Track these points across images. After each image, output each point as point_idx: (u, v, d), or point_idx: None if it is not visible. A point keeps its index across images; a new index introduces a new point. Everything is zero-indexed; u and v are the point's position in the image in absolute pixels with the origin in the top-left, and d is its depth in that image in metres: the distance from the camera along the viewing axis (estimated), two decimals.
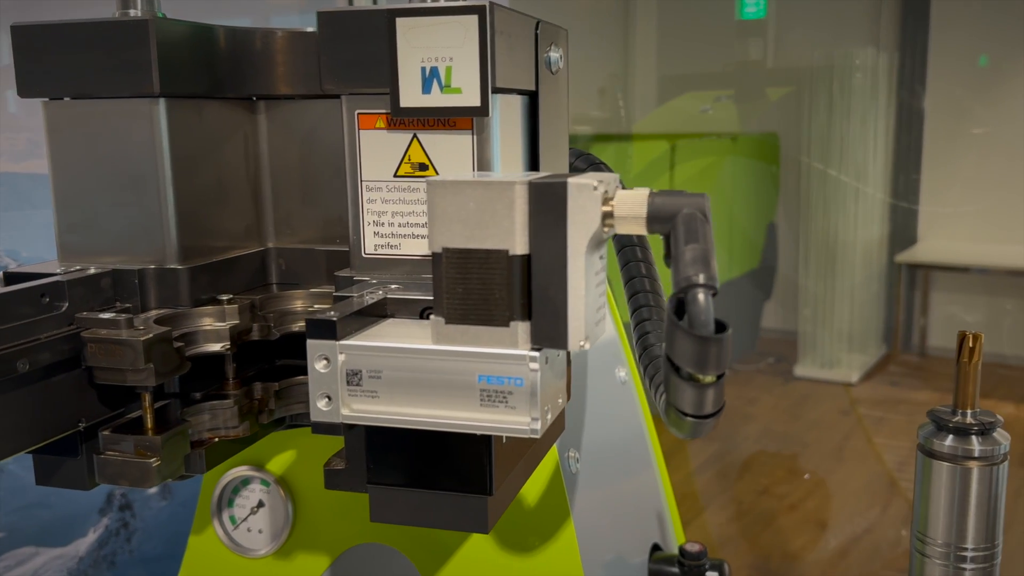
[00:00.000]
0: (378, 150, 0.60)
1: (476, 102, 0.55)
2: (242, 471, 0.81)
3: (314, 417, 0.49)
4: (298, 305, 0.72)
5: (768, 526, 2.50)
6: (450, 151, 0.58)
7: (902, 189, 4.07)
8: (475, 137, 0.58)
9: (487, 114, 0.55)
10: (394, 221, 0.61)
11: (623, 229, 0.44)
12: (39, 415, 0.57)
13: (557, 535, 0.75)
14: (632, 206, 0.44)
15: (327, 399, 0.48)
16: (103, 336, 0.58)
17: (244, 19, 2.09)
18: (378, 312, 0.53)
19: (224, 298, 0.68)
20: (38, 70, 0.64)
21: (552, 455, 0.75)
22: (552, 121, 0.64)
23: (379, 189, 0.60)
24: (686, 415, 0.44)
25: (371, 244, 0.61)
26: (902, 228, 4.15)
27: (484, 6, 0.54)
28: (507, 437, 0.50)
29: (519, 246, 0.44)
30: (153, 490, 2.19)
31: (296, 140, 0.74)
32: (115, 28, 0.62)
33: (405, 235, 0.60)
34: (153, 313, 0.64)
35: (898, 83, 3.96)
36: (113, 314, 0.60)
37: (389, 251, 0.61)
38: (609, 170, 0.73)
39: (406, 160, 0.59)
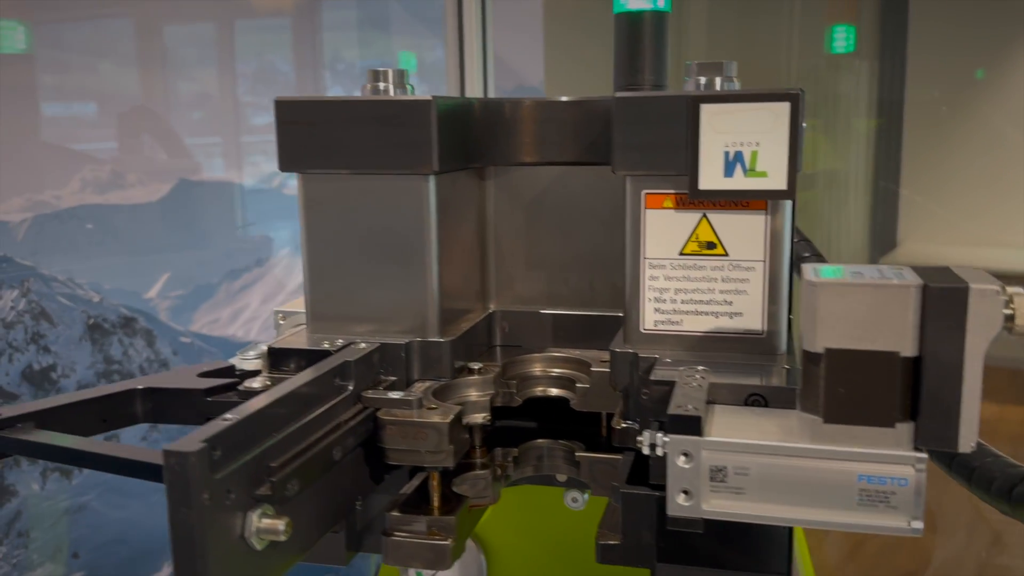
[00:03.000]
0: (664, 228, 0.60)
1: (783, 186, 0.55)
2: None
3: (671, 511, 0.49)
4: (537, 370, 0.72)
5: None
6: (741, 230, 0.59)
7: (882, 193, 4.07)
8: (769, 217, 0.58)
9: (793, 197, 0.56)
10: (676, 298, 0.61)
11: None
12: (335, 498, 0.57)
13: None
14: None
15: (686, 494, 0.48)
16: (402, 418, 0.58)
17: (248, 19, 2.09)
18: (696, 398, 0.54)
19: (475, 366, 0.68)
20: (302, 144, 0.64)
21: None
22: None
23: (662, 266, 0.61)
24: None
25: (651, 319, 0.62)
26: (881, 231, 4.14)
27: (797, 94, 0.55)
28: None
29: (910, 348, 0.44)
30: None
31: (522, 205, 0.74)
32: (395, 106, 0.62)
33: (687, 312, 0.61)
34: (421, 386, 0.64)
35: (879, 88, 3.96)
36: (401, 394, 0.60)
37: (670, 327, 0.61)
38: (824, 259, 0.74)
39: (693, 239, 0.60)
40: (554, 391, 0.71)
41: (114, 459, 0.49)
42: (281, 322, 0.80)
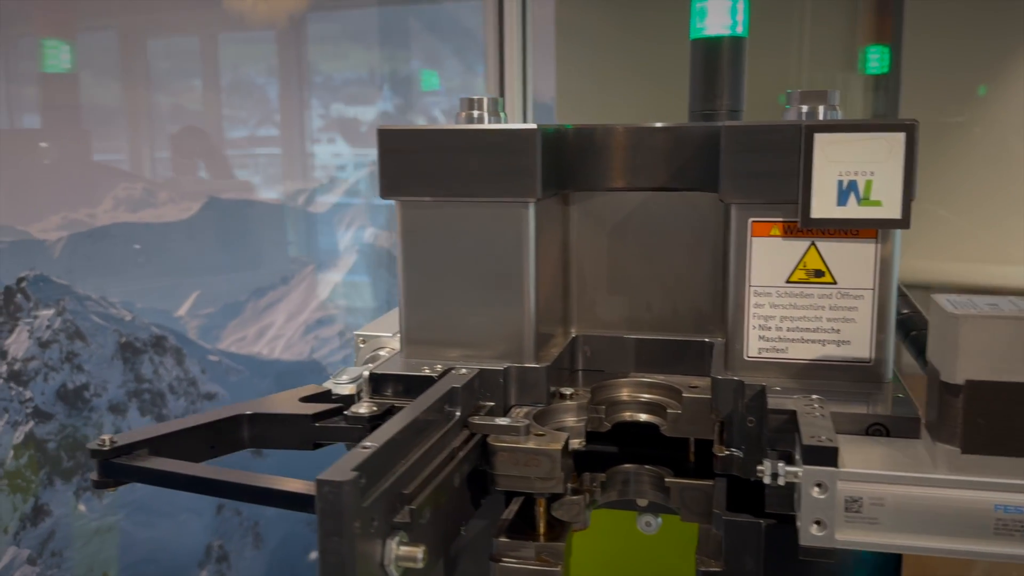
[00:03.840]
0: (770, 256, 0.61)
1: (897, 215, 0.56)
2: None
3: (804, 541, 0.49)
4: (625, 395, 0.72)
5: None
6: (850, 258, 0.59)
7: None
8: (879, 244, 0.59)
9: (908, 226, 0.56)
10: (782, 325, 0.61)
11: None
12: (449, 525, 0.57)
13: None
14: None
15: (818, 524, 0.48)
16: (514, 444, 0.58)
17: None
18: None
19: (567, 392, 0.69)
20: (403, 171, 0.65)
21: None
22: None
23: (768, 294, 0.61)
24: None
25: (755, 347, 0.62)
26: None
27: (913, 124, 0.55)
28: None
29: None
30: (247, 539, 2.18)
31: (606, 230, 0.74)
32: (500, 135, 0.62)
33: (793, 339, 0.61)
34: (520, 411, 0.65)
35: (873, 105, 3.97)
36: (508, 420, 0.60)
37: (774, 355, 0.62)
38: None
39: (801, 266, 0.60)
40: (643, 416, 0.71)
41: (251, 488, 0.49)
42: (361, 345, 0.81)
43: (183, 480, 0.52)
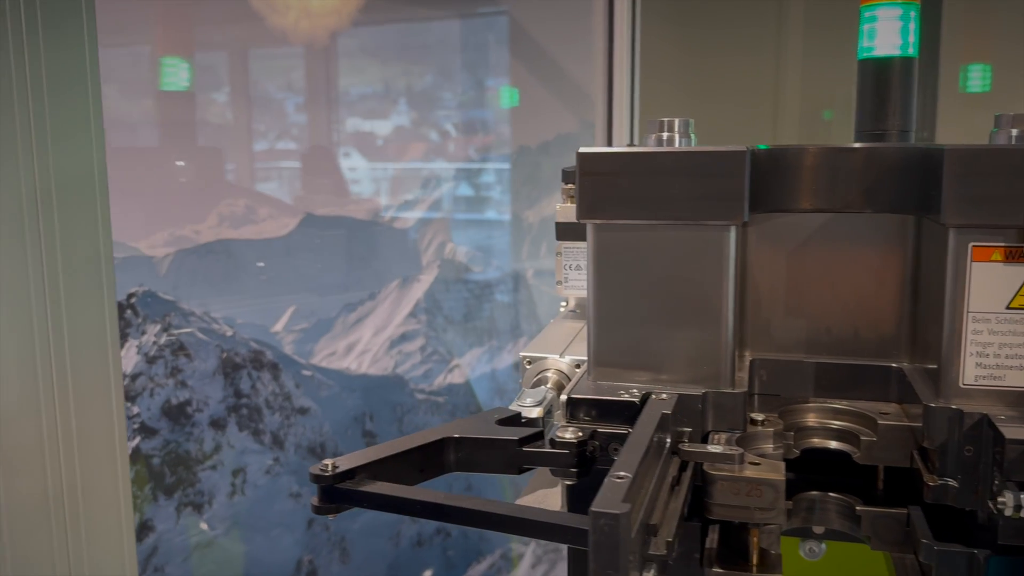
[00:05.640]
0: (991, 282, 0.59)
1: None
2: None
3: None
4: (812, 420, 0.71)
5: None
6: None
7: None
8: None
9: None
10: (1000, 352, 0.60)
11: None
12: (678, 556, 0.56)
13: None
14: None
15: None
16: (734, 473, 0.57)
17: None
18: None
19: (759, 418, 0.68)
20: (602, 194, 0.64)
21: None
22: None
23: (987, 320, 0.59)
24: None
25: (971, 375, 0.60)
26: None
27: None
28: None
29: None
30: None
31: (785, 251, 0.73)
32: (708, 157, 0.62)
33: (1012, 367, 0.60)
34: (720, 437, 0.64)
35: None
36: (722, 448, 0.59)
37: (991, 382, 0.60)
38: None
39: (1022, 293, 0.58)
40: (833, 444, 0.69)
41: (501, 517, 0.49)
42: (527, 366, 0.80)
43: (417, 506, 0.52)
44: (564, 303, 1.03)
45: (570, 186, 0.94)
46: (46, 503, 0.93)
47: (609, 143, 1.97)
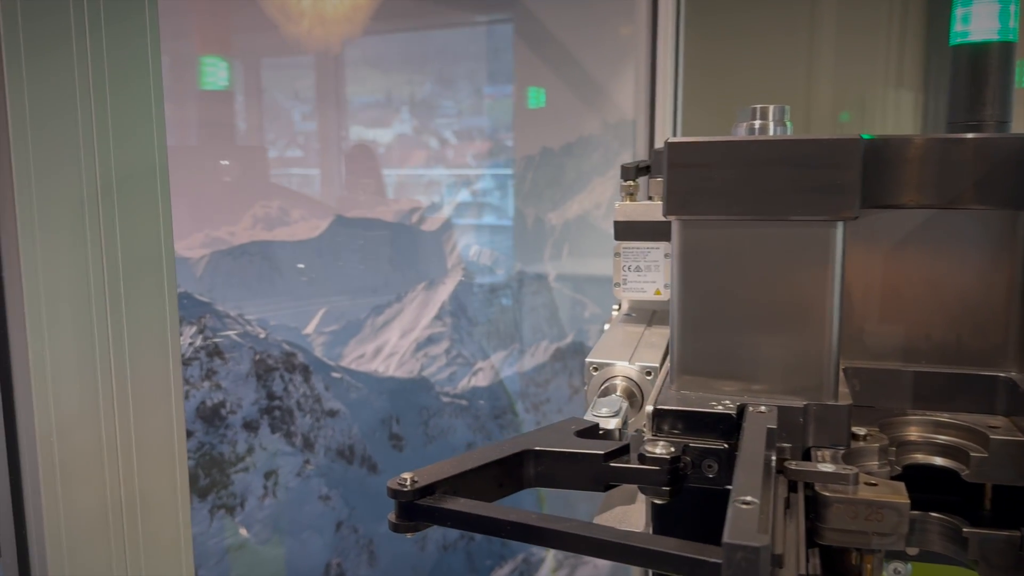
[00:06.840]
0: None
1: None
2: None
3: None
4: (914, 435, 0.65)
5: None
6: None
7: None
8: None
9: None
10: None
11: None
12: None
13: None
14: None
15: None
16: (852, 496, 0.52)
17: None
18: None
19: (860, 432, 0.62)
20: (694, 188, 0.59)
21: None
22: None
23: None
24: None
25: None
26: None
27: None
28: None
29: None
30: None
31: (881, 251, 0.68)
32: (816, 146, 0.56)
33: None
34: (825, 453, 0.58)
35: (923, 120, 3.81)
36: (834, 467, 0.54)
37: None
38: None
39: None
40: (938, 460, 0.64)
41: (612, 544, 0.44)
42: (594, 373, 0.75)
43: (506, 527, 0.47)
44: (616, 307, 0.98)
45: (630, 183, 0.89)
46: (105, 513, 0.89)
47: (651, 141, 1.91)
